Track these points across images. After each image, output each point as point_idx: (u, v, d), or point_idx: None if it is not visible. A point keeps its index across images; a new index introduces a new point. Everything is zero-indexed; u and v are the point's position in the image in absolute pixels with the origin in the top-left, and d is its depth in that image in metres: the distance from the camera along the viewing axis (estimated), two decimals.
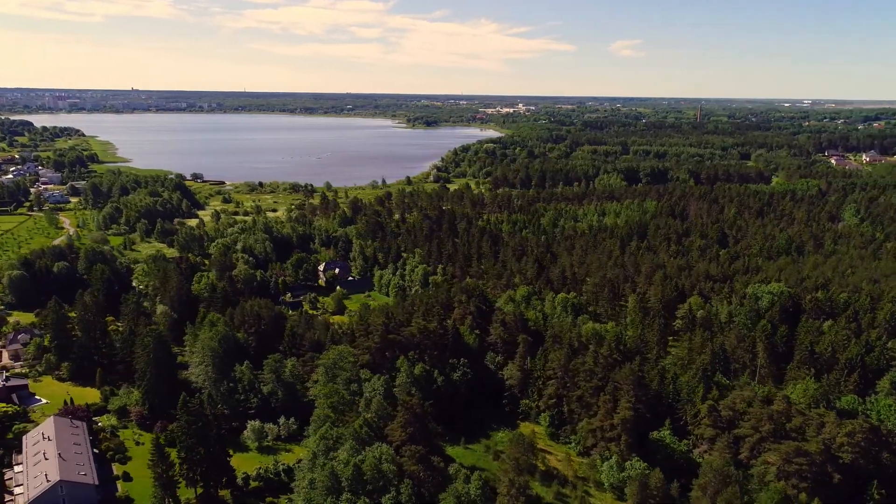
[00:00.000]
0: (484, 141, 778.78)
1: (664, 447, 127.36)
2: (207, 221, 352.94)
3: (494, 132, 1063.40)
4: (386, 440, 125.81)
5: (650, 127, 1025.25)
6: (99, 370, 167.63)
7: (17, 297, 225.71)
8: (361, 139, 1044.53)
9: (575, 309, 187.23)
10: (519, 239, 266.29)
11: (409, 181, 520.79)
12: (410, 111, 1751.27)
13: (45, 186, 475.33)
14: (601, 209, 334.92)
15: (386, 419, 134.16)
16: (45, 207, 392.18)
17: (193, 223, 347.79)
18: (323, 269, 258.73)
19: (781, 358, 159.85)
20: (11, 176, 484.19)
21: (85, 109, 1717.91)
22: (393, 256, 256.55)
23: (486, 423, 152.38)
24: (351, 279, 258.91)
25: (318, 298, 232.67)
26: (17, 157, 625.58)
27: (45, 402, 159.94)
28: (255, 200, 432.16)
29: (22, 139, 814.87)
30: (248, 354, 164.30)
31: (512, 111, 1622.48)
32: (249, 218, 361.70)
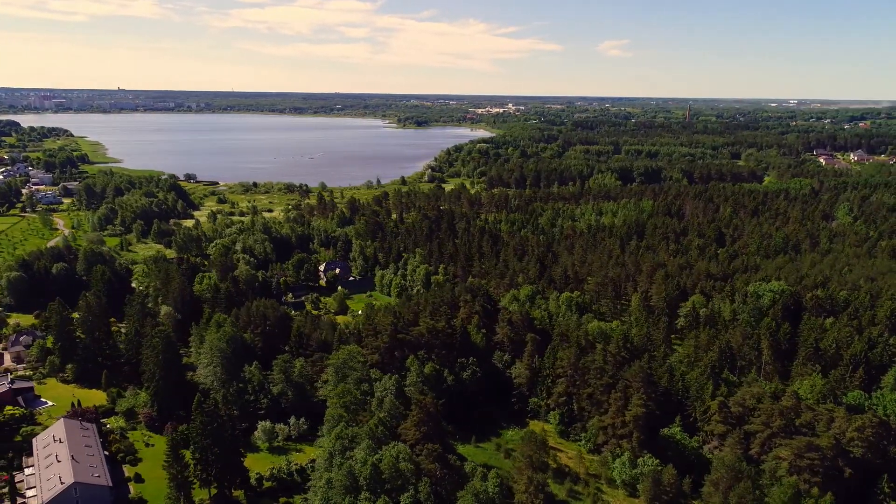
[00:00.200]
0: (476, 141, 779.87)
1: (675, 443, 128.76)
2: (204, 222, 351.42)
3: (485, 132, 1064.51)
4: (399, 439, 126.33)
5: (640, 127, 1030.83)
6: (105, 372, 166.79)
7: (15, 298, 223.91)
8: (353, 139, 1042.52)
9: (579, 308, 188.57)
10: (519, 239, 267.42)
11: (403, 181, 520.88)
12: (400, 111, 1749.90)
13: (36, 187, 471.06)
14: (598, 208, 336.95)
15: (398, 418, 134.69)
16: (37, 208, 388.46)
17: (189, 224, 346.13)
18: (324, 269, 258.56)
19: (785, 355, 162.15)
20: (2, 177, 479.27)
21: (72, 109, 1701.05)
22: (394, 256, 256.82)
23: (495, 421, 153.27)
24: (352, 279, 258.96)
25: (320, 299, 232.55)
26: (6, 157, 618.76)
27: (51, 404, 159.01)
28: (250, 201, 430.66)
29: (9, 139, 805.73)
30: (254, 355, 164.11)
31: (502, 111, 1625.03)
32: (246, 218, 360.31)
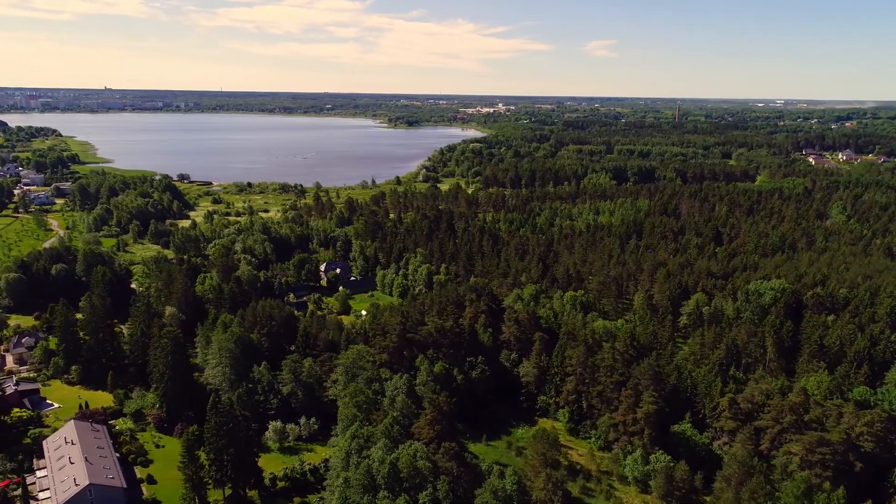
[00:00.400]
0: (469, 141, 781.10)
1: (686, 440, 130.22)
2: (200, 222, 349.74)
3: (476, 132, 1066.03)
4: (412, 438, 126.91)
5: (631, 127, 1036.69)
6: (110, 373, 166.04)
7: (14, 300, 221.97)
8: (344, 139, 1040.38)
9: (584, 307, 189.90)
10: (520, 238, 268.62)
11: (398, 181, 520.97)
12: (391, 111, 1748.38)
13: (27, 188, 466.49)
14: (595, 208, 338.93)
15: (410, 417, 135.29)
16: (30, 209, 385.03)
17: (186, 224, 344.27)
18: (324, 269, 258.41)
19: (788, 352, 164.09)
20: None
21: (58, 109, 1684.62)
22: (395, 256, 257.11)
23: (504, 419, 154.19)
24: (353, 279, 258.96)
25: (322, 299, 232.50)
26: None
27: (57, 406, 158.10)
28: (245, 201, 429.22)
29: None
30: (261, 355, 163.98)
31: (492, 111, 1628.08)
32: (243, 219, 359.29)
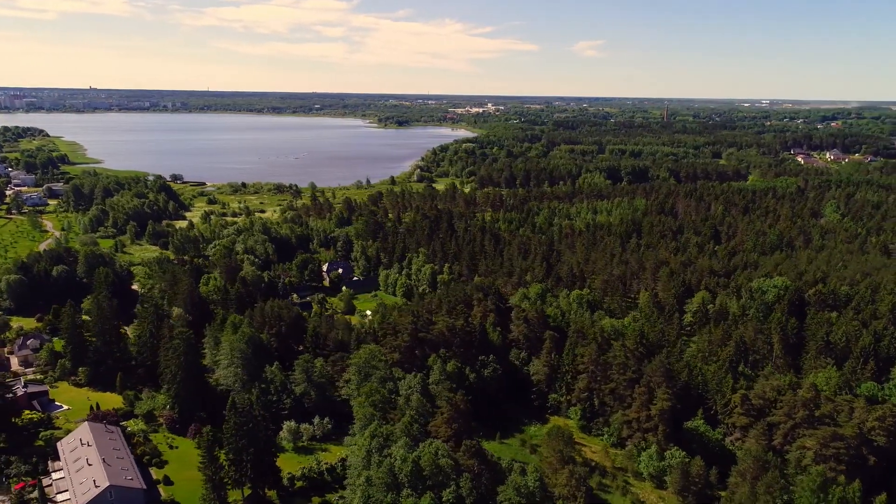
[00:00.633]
0: (461, 140, 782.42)
1: (699, 436, 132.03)
2: (197, 223, 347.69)
3: (467, 132, 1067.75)
4: (429, 437, 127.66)
5: (621, 126, 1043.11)
6: (119, 375, 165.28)
7: (15, 302, 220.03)
8: (335, 139, 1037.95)
9: (590, 305, 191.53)
10: (521, 238, 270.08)
11: (393, 181, 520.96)
12: (380, 111, 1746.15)
13: (18, 188, 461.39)
14: (593, 207, 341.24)
15: (425, 416, 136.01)
16: (24, 210, 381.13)
17: (183, 225, 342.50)
18: (327, 269, 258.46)
19: (793, 349, 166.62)
20: None
21: (43, 109, 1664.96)
22: (398, 256, 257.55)
23: (516, 418, 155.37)
24: (355, 279, 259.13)
25: (326, 299, 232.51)
26: None
27: (66, 408, 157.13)
28: (240, 201, 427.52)
29: None
30: (271, 355, 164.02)
31: (482, 111, 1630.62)
32: (240, 219, 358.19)
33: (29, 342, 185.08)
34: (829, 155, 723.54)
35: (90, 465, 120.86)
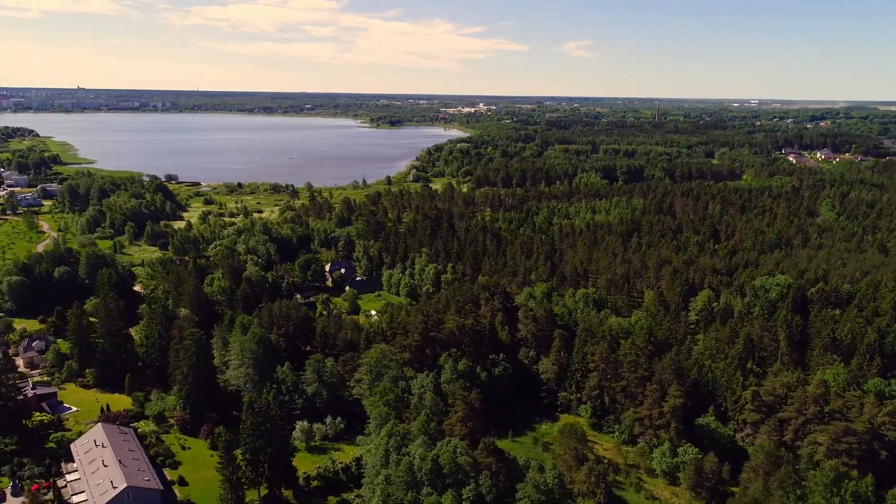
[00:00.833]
0: (455, 140, 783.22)
1: (711, 432, 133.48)
2: (195, 223, 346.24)
3: (459, 132, 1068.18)
4: (444, 435, 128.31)
5: (613, 126, 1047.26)
6: (128, 376, 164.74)
7: (17, 303, 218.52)
8: (328, 139, 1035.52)
9: (596, 304, 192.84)
10: (523, 237, 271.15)
11: (389, 181, 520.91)
12: (372, 111, 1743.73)
13: (11, 189, 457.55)
14: (591, 207, 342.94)
15: (439, 415, 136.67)
16: (18, 211, 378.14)
17: (181, 225, 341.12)
18: (329, 269, 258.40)
19: (798, 346, 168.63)
20: None
21: (31, 109, 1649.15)
22: (400, 256, 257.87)
23: (526, 416, 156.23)
24: (358, 279, 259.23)
25: (330, 299, 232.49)
26: None
27: (75, 409, 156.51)
28: (237, 202, 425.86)
29: None
30: (280, 355, 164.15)
31: (473, 111, 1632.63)
32: (238, 219, 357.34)
33: (34, 344, 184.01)
34: (819, 154, 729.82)
35: (106, 466, 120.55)
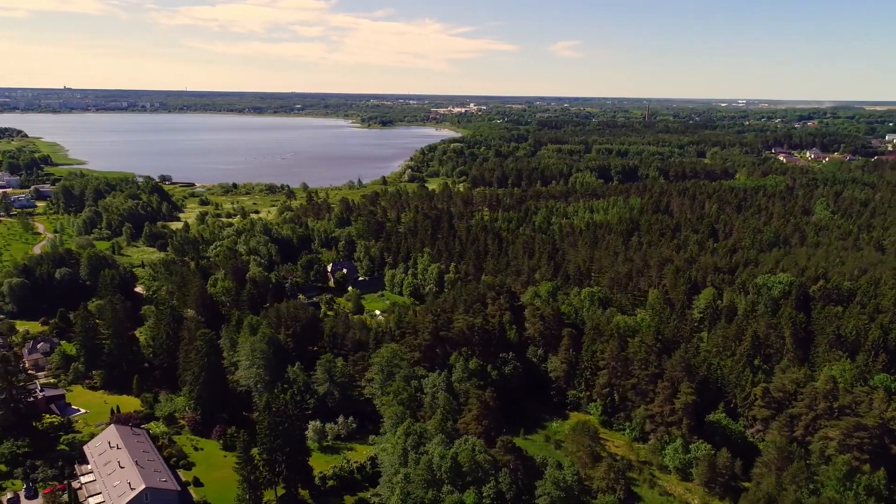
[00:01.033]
0: (448, 140, 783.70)
1: (722, 429, 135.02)
2: (192, 224, 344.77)
3: (451, 132, 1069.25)
4: (459, 434, 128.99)
5: (604, 126, 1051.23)
6: (136, 377, 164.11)
7: (18, 305, 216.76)
8: (320, 139, 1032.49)
9: (601, 302, 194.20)
10: (525, 237, 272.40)
11: (384, 181, 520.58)
12: (362, 111, 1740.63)
13: (3, 190, 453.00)
14: (589, 206, 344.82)
15: (453, 413, 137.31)
16: (12, 212, 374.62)
17: (178, 226, 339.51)
18: (331, 269, 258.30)
19: (802, 343, 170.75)
20: None
21: (18, 109, 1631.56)
22: (403, 256, 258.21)
23: (536, 414, 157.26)
24: (360, 280, 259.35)
25: (334, 299, 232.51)
26: None
27: (84, 411, 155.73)
28: (233, 202, 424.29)
29: None
30: (289, 355, 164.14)
31: (464, 111, 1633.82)
32: (236, 220, 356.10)
33: (38, 346, 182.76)
34: (809, 154, 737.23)
35: (122, 467, 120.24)
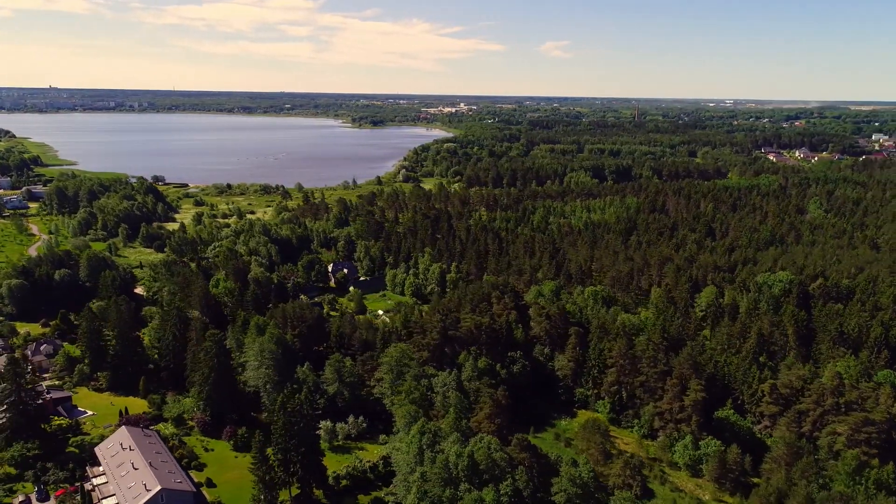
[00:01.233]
0: (441, 140, 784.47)
1: (730, 425, 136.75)
2: (188, 225, 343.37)
3: (442, 132, 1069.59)
4: (472, 432, 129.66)
5: (595, 126, 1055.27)
6: (143, 379, 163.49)
7: (17, 307, 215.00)
8: (311, 139, 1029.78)
9: (605, 301, 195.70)
10: (525, 237, 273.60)
11: (379, 181, 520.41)
12: (352, 111, 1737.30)
13: None
14: (586, 206, 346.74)
15: (464, 412, 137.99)
16: (5, 214, 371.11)
17: (174, 227, 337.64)
18: (332, 270, 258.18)
19: (804, 340, 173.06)
20: None
21: (4, 109, 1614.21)
22: (403, 256, 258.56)
23: (544, 412, 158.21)
24: (361, 280, 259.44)
25: (336, 299, 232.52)
26: None
27: (91, 413, 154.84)
28: (228, 203, 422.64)
29: None
30: (296, 356, 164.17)
31: (455, 111, 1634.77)
32: (232, 220, 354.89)
33: (42, 348, 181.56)
34: (798, 153, 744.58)
35: (136, 469, 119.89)
